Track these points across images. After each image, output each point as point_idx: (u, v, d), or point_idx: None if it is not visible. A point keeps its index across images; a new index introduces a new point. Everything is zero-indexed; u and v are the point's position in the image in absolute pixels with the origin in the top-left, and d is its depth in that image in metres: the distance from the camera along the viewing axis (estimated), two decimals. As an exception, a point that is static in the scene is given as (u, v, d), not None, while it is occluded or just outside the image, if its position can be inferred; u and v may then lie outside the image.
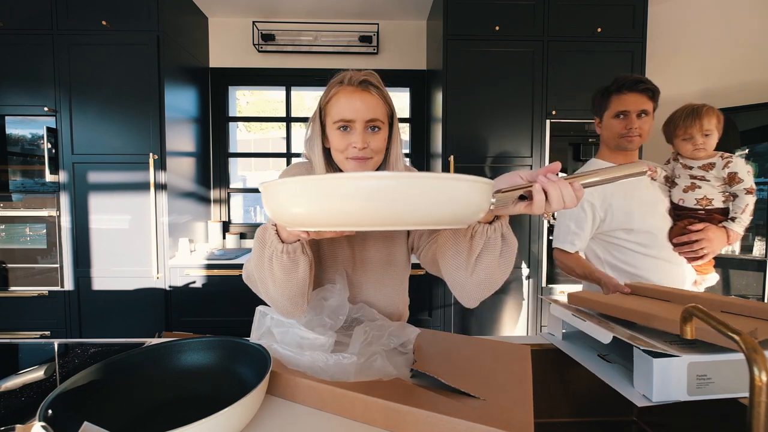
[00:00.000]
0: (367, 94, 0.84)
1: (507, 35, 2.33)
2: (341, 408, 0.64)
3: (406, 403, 0.58)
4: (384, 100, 0.86)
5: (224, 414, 0.54)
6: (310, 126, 0.92)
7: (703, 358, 0.67)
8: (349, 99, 0.83)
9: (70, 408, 0.58)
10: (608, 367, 0.80)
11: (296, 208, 0.50)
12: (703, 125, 1.23)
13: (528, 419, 0.55)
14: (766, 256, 2.31)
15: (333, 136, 0.86)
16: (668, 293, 0.94)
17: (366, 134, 0.84)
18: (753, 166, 2.43)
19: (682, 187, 1.32)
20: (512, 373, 0.71)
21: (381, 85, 0.86)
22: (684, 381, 0.67)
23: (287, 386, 0.70)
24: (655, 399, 0.67)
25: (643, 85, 1.26)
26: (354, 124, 0.83)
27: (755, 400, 0.46)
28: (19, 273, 2.29)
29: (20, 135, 2.26)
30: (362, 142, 0.83)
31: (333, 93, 0.85)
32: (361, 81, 0.83)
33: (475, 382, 0.67)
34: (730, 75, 2.58)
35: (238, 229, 3.02)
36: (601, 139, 1.41)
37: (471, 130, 2.36)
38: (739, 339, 0.48)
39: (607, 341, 0.75)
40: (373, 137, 0.85)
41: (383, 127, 0.86)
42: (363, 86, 0.83)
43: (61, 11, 2.23)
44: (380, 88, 0.86)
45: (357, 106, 0.82)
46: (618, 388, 0.73)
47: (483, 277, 0.73)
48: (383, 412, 0.60)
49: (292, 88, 3.04)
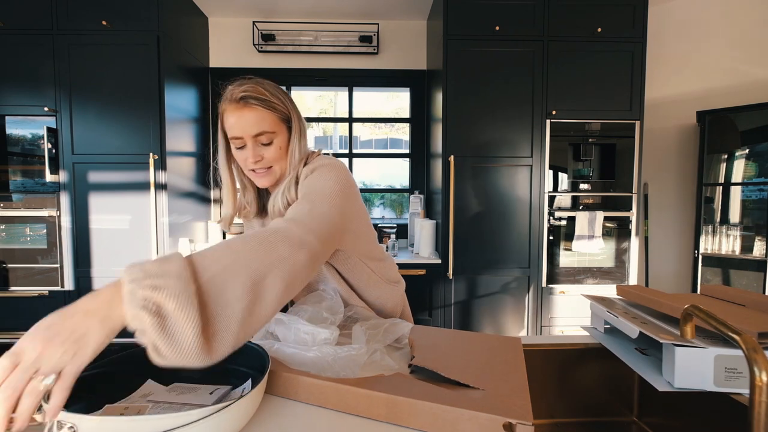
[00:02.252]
0: (248, 109, 0.82)
1: (507, 35, 2.33)
2: (345, 404, 0.64)
3: (410, 396, 0.59)
4: (270, 109, 0.83)
5: (223, 413, 0.54)
6: (219, 140, 0.91)
7: (732, 352, 0.68)
8: (233, 116, 0.82)
9: (69, 401, 0.58)
10: (642, 359, 0.82)
11: None
12: None
13: (527, 406, 0.57)
14: (766, 256, 2.31)
15: (233, 152, 0.87)
16: (744, 297, 0.87)
17: (258, 148, 0.84)
18: (753, 166, 2.43)
19: None
20: (507, 363, 0.73)
21: (264, 95, 0.83)
22: (710, 372, 0.69)
23: (288, 385, 0.71)
24: (676, 385, 0.70)
25: None
26: (244, 141, 0.83)
27: (755, 400, 0.46)
28: (20, 273, 2.29)
29: (20, 135, 2.26)
30: (254, 156, 0.84)
31: (222, 109, 0.85)
32: (240, 98, 0.82)
33: (472, 373, 0.68)
34: (730, 75, 2.58)
35: (238, 229, 3.02)
36: None
37: (471, 130, 2.36)
38: (739, 339, 0.48)
39: (634, 336, 0.77)
40: (266, 149, 0.85)
41: (276, 136, 0.85)
42: (243, 102, 0.82)
43: (61, 11, 2.23)
44: (263, 99, 0.83)
45: (241, 123, 0.82)
46: (645, 376, 0.75)
47: None
48: (387, 405, 0.61)
49: (292, 88, 3.04)
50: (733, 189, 2.50)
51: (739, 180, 2.47)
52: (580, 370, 0.97)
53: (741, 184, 2.47)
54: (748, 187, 2.45)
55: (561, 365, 0.96)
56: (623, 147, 2.38)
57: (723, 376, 0.69)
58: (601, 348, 0.92)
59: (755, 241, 2.38)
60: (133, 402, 0.67)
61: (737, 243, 2.44)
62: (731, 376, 0.69)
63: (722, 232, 2.49)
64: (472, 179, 2.37)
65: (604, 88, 2.37)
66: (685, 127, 2.72)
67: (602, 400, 0.97)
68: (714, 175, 2.56)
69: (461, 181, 2.35)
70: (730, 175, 2.50)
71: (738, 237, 2.44)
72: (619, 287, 1.00)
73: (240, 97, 0.82)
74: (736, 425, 0.73)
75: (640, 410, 0.96)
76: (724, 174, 2.53)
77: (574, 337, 1.02)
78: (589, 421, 0.96)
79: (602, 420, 0.96)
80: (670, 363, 0.71)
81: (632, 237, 2.40)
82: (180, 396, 0.69)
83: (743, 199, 2.47)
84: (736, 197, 2.50)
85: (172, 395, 0.69)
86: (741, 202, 2.47)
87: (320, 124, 3.55)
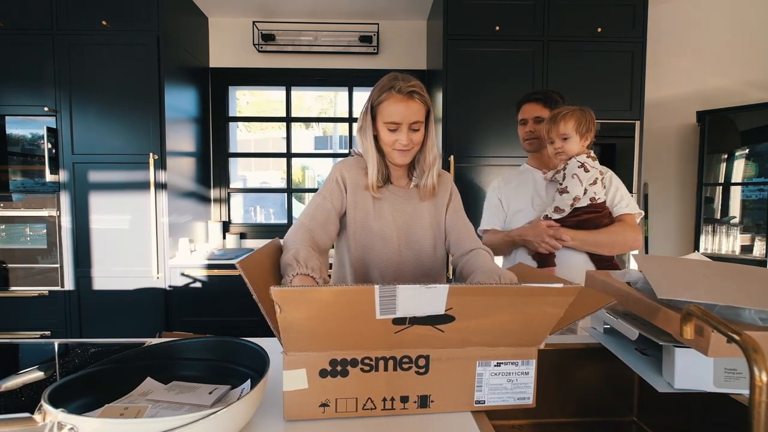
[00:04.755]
0: (413, 102, 1.01)
1: (507, 35, 2.33)
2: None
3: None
4: (425, 104, 1.04)
5: (223, 413, 0.54)
6: (361, 118, 1.10)
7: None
8: (398, 105, 1.01)
9: (68, 399, 0.58)
10: (642, 360, 0.81)
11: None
12: (560, 129, 1.29)
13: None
14: (766, 256, 2.31)
15: (383, 132, 1.06)
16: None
17: (409, 133, 1.03)
18: (753, 166, 2.43)
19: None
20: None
21: (424, 92, 1.03)
22: (710, 372, 0.69)
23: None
24: (676, 386, 0.70)
25: (536, 95, 1.47)
26: (401, 126, 1.03)
27: (755, 400, 0.46)
28: (20, 273, 2.29)
29: (20, 135, 2.26)
30: (406, 140, 1.03)
31: (385, 97, 1.03)
32: (409, 92, 1.00)
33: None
34: (730, 75, 2.58)
35: (238, 229, 3.02)
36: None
37: (471, 130, 2.36)
38: (739, 339, 0.48)
39: (633, 338, 0.77)
40: (414, 135, 1.05)
41: (422, 125, 1.06)
42: (410, 95, 1.01)
43: (61, 11, 2.23)
44: (423, 95, 1.03)
45: (404, 112, 1.01)
46: (645, 377, 0.75)
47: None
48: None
49: (292, 88, 3.04)
50: (733, 189, 2.50)
51: (739, 180, 2.47)
52: (580, 370, 0.97)
53: (741, 184, 2.47)
54: (748, 187, 2.45)
55: (561, 365, 0.96)
56: (623, 147, 2.38)
57: (723, 377, 0.69)
58: (601, 348, 0.92)
59: (755, 241, 2.38)
60: (133, 400, 0.67)
61: (737, 243, 2.44)
62: (731, 377, 0.68)
63: (722, 232, 2.48)
64: (473, 179, 2.37)
65: (604, 88, 2.36)
66: (685, 127, 2.72)
67: (602, 400, 0.97)
68: (714, 175, 2.56)
69: (461, 181, 2.35)
70: (730, 175, 2.50)
71: (738, 237, 2.44)
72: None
73: (410, 91, 1.00)
74: (736, 425, 0.73)
75: (640, 410, 0.96)
76: (724, 174, 2.53)
77: (573, 337, 1.02)
78: (589, 421, 0.96)
79: (602, 420, 0.96)
80: (670, 364, 0.71)
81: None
82: (179, 395, 0.69)
83: (743, 199, 2.47)
84: (736, 197, 2.50)
85: (171, 394, 0.69)
86: (741, 202, 2.47)
87: (320, 124, 3.55)
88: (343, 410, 0.69)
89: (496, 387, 0.73)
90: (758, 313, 0.65)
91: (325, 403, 0.68)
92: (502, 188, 1.49)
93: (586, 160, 1.29)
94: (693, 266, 0.81)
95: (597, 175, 1.30)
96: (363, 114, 1.10)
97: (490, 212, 1.50)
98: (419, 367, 0.70)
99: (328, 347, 0.67)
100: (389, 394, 0.70)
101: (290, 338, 0.64)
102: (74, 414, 0.51)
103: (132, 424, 0.56)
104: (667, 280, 0.72)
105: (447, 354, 0.70)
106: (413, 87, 1.01)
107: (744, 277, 0.77)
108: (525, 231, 1.34)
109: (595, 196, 1.30)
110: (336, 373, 0.68)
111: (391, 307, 0.62)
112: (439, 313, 0.63)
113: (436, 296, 0.61)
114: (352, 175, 1.11)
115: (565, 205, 1.29)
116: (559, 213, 1.30)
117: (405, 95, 1.00)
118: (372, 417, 0.70)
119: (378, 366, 0.69)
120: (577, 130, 1.28)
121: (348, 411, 0.69)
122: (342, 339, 0.66)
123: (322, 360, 0.67)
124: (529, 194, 1.43)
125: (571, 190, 1.28)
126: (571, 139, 1.29)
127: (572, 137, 1.28)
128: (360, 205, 1.10)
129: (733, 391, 0.69)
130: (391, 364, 0.69)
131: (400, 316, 0.63)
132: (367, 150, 1.08)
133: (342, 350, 0.68)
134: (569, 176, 1.28)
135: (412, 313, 0.63)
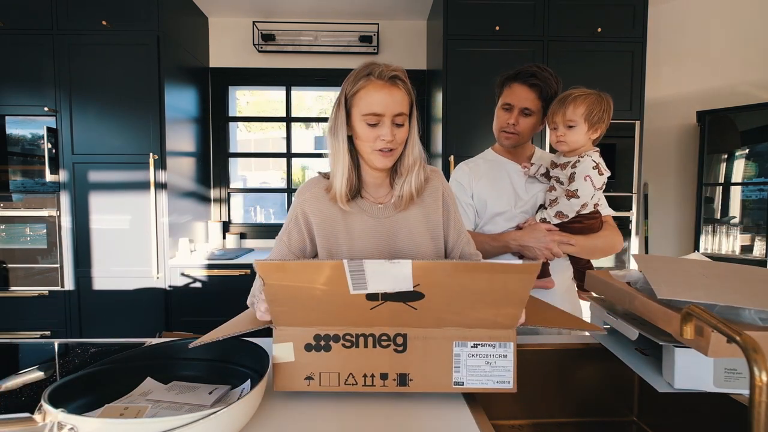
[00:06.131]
0: (396, 89, 0.84)
1: (507, 35, 2.33)
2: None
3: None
4: (408, 94, 0.87)
5: (223, 413, 0.54)
6: (333, 114, 0.90)
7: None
8: (379, 93, 0.83)
9: (68, 399, 0.58)
10: (642, 360, 0.81)
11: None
12: (567, 114, 1.07)
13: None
14: (766, 256, 2.31)
15: (360, 128, 0.86)
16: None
17: (393, 128, 0.86)
18: (753, 166, 2.43)
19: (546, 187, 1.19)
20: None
21: (407, 79, 0.87)
22: (710, 372, 0.68)
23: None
24: (676, 386, 0.69)
25: (534, 79, 1.15)
26: (383, 119, 0.84)
27: (755, 400, 0.46)
28: (20, 273, 2.29)
29: (20, 135, 2.26)
30: (390, 135, 0.85)
31: (362, 85, 0.84)
32: (391, 76, 0.84)
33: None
34: (730, 75, 2.58)
35: (238, 229, 3.02)
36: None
37: (471, 130, 2.36)
38: (739, 339, 0.48)
39: (633, 338, 0.77)
40: (398, 130, 0.87)
41: (407, 120, 0.88)
42: (392, 81, 0.84)
43: (61, 11, 2.23)
44: (407, 82, 0.87)
45: (387, 100, 0.83)
46: (645, 377, 0.75)
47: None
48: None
49: (292, 88, 3.04)
50: (733, 189, 2.50)
51: (739, 180, 2.47)
52: (580, 370, 0.97)
53: (741, 184, 2.47)
54: (748, 187, 2.45)
55: (561, 365, 0.96)
56: (623, 147, 2.38)
57: (723, 377, 0.68)
58: (601, 348, 0.92)
59: (755, 241, 2.38)
60: (133, 400, 0.67)
61: (737, 243, 2.44)
62: (731, 377, 0.68)
63: (722, 232, 2.48)
64: (472, 179, 2.37)
65: (604, 88, 2.32)
66: (685, 127, 2.72)
67: (602, 400, 0.97)
68: (714, 175, 2.56)
69: (461, 181, 2.35)
70: (730, 175, 2.50)
71: (738, 237, 2.44)
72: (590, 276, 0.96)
73: (392, 76, 0.84)
74: (736, 425, 0.73)
75: (640, 410, 0.96)
76: (724, 174, 2.53)
77: (574, 337, 1.02)
78: (589, 421, 0.96)
79: (602, 420, 0.96)
80: (669, 364, 0.71)
81: (632, 237, 2.40)
82: (179, 395, 0.69)
83: (743, 199, 2.47)
84: (736, 197, 2.50)
85: (171, 394, 0.69)
86: (741, 202, 2.47)
87: (320, 124, 3.54)
88: (326, 384, 0.72)
89: (474, 369, 0.73)
90: (758, 313, 0.64)
91: (310, 376, 0.72)
92: (472, 184, 1.25)
93: (600, 160, 1.09)
94: (693, 266, 0.81)
95: (605, 179, 1.12)
96: (334, 109, 0.90)
97: (462, 212, 1.25)
98: (397, 345, 0.73)
99: (312, 323, 0.72)
100: (369, 371, 0.72)
101: (277, 312, 0.70)
102: (74, 414, 0.51)
103: (132, 424, 0.56)
104: (667, 280, 0.72)
105: (424, 333, 0.73)
106: (396, 71, 0.84)
107: (744, 277, 0.77)
108: (522, 236, 1.14)
109: (599, 201, 1.16)
110: (320, 347, 0.72)
111: (362, 282, 0.65)
112: (408, 289, 0.66)
113: (401, 271, 0.64)
114: (317, 206, 0.93)
115: (571, 210, 1.10)
116: (560, 219, 1.12)
117: (387, 81, 0.83)
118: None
119: (358, 342, 0.72)
120: (586, 118, 1.06)
121: (331, 385, 0.72)
122: (324, 315, 0.70)
123: (308, 335, 0.72)
124: (508, 193, 1.22)
125: (581, 194, 1.08)
126: (578, 127, 1.07)
127: (579, 125, 1.07)
128: (329, 231, 0.93)
129: (733, 391, 0.69)
130: (371, 341, 0.72)
131: (372, 292, 0.67)
132: (338, 152, 0.89)
133: (325, 326, 0.72)
134: (580, 177, 1.07)
135: (383, 288, 0.66)
